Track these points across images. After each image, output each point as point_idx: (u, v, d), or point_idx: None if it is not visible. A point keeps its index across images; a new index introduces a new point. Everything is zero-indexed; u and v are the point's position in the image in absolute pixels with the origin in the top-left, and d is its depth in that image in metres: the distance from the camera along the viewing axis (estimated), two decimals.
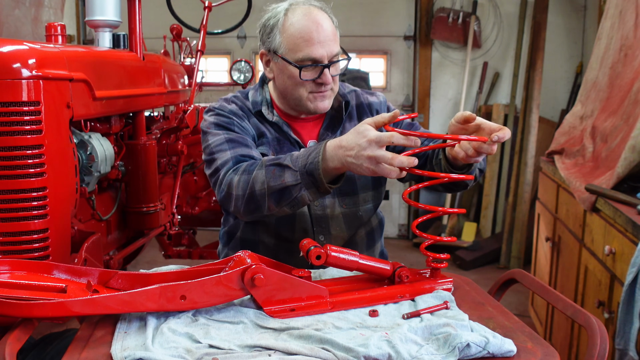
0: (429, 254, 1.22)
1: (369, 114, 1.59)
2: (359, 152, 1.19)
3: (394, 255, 4.15)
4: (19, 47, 1.41)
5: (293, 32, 1.40)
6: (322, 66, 1.41)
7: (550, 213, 2.67)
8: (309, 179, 1.26)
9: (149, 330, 1.01)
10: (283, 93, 1.50)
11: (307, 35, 1.39)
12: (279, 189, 1.29)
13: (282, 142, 1.52)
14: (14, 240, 1.40)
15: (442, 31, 4.48)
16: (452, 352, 0.92)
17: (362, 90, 1.66)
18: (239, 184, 1.34)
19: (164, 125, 2.55)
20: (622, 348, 1.52)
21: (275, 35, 1.43)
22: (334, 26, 1.44)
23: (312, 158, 1.26)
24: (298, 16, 1.41)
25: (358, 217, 1.56)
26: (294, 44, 1.40)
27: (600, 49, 2.60)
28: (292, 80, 1.44)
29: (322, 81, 1.42)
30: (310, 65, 1.41)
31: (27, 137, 1.39)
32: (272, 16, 1.45)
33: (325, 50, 1.40)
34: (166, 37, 3.13)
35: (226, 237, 1.64)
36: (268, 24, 1.45)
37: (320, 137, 1.54)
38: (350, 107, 1.59)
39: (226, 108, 1.52)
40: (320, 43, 1.39)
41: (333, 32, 1.43)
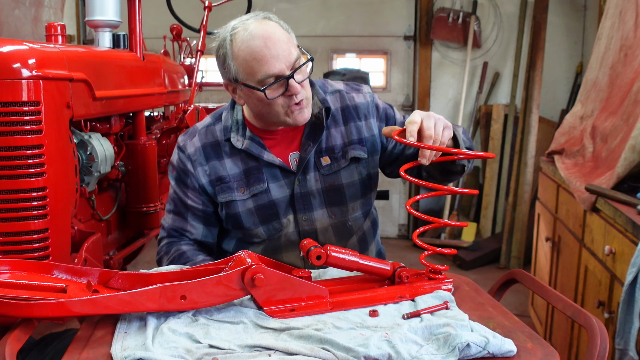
0: (428, 265, 1.23)
1: (357, 118, 1.52)
2: None
3: (394, 256, 4.15)
4: (19, 47, 1.41)
5: (244, 56, 1.33)
6: (285, 78, 1.33)
7: (550, 213, 2.67)
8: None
9: (149, 330, 1.01)
10: (259, 115, 1.44)
11: (258, 54, 1.31)
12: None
13: (250, 173, 1.46)
14: (14, 240, 1.40)
15: (442, 31, 4.47)
16: (452, 352, 0.92)
17: (347, 87, 1.56)
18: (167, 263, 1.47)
19: (164, 125, 2.55)
20: (622, 348, 1.52)
21: (229, 65, 1.36)
22: (285, 32, 1.36)
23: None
24: (244, 37, 1.33)
25: (348, 227, 1.53)
26: (250, 67, 1.33)
27: (600, 49, 2.60)
28: (262, 102, 1.37)
29: (290, 93, 1.34)
30: (273, 82, 1.33)
31: (27, 137, 1.39)
32: (221, 45, 1.37)
33: (282, 62, 1.32)
34: (166, 37, 3.13)
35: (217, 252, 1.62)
36: (220, 55, 1.38)
37: (302, 146, 1.47)
38: (334, 111, 1.50)
39: (186, 150, 1.49)
40: (275, 57, 1.32)
41: (285, 39, 1.34)
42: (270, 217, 1.48)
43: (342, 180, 1.49)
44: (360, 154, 1.50)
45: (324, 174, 1.48)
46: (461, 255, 4.11)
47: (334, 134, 1.50)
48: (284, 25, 1.39)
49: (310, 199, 1.48)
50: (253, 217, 1.48)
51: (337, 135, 1.50)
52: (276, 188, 1.47)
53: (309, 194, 1.48)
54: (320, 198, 1.49)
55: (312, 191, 1.48)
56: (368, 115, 1.53)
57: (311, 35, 4.67)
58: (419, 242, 1.25)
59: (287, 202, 1.48)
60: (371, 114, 1.54)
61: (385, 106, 1.59)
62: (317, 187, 1.48)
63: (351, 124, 1.52)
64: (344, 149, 1.50)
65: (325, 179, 1.48)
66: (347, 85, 1.57)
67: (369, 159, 1.52)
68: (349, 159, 1.49)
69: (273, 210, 1.47)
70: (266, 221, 1.48)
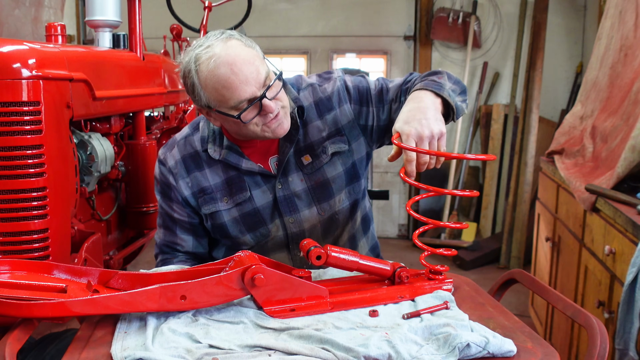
0: (428, 265, 1.23)
1: (331, 108, 1.48)
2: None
3: (394, 256, 4.15)
4: (19, 47, 1.41)
5: (213, 85, 1.29)
6: (259, 100, 1.30)
7: (550, 213, 2.67)
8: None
9: (149, 330, 1.01)
10: (238, 134, 1.41)
11: (226, 82, 1.27)
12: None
13: (232, 182, 1.45)
14: (14, 240, 1.40)
15: (442, 31, 4.47)
16: (452, 352, 0.92)
17: (319, 79, 1.53)
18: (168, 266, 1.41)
19: (164, 125, 2.55)
20: (622, 348, 1.52)
21: (199, 94, 1.32)
22: (249, 50, 1.31)
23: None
24: (209, 67, 1.28)
25: (335, 221, 1.51)
26: (221, 95, 1.30)
27: (600, 49, 2.60)
28: (238, 125, 1.34)
29: (265, 112, 1.31)
30: (247, 107, 1.30)
31: (27, 137, 1.39)
32: (186, 75, 1.33)
33: (252, 85, 1.29)
34: (166, 37, 3.13)
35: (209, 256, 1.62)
36: (187, 84, 1.34)
37: (280, 149, 1.45)
38: (308, 107, 1.47)
39: (166, 163, 1.48)
40: (243, 82, 1.28)
41: (250, 58, 1.30)
42: (257, 225, 1.47)
43: (327, 175, 1.47)
44: (341, 147, 1.47)
45: (307, 173, 1.46)
46: (461, 255, 4.11)
47: (311, 131, 1.47)
48: (247, 42, 1.34)
49: (294, 201, 1.46)
50: (239, 225, 1.47)
51: (314, 132, 1.47)
52: (259, 194, 1.46)
53: (292, 195, 1.46)
54: (307, 197, 1.47)
55: (296, 192, 1.46)
56: (341, 101, 1.49)
57: (311, 35, 4.67)
58: (419, 243, 1.25)
59: (271, 207, 1.46)
60: (343, 99, 1.49)
61: (356, 83, 1.52)
62: (303, 187, 1.46)
63: (326, 116, 1.48)
64: (323, 144, 1.47)
65: (310, 177, 1.46)
66: (320, 77, 1.54)
67: (351, 147, 1.49)
68: (330, 154, 1.47)
69: (258, 218, 1.46)
70: (252, 229, 1.47)
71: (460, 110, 1.37)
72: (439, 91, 1.30)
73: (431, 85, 1.32)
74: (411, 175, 1.20)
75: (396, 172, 4.75)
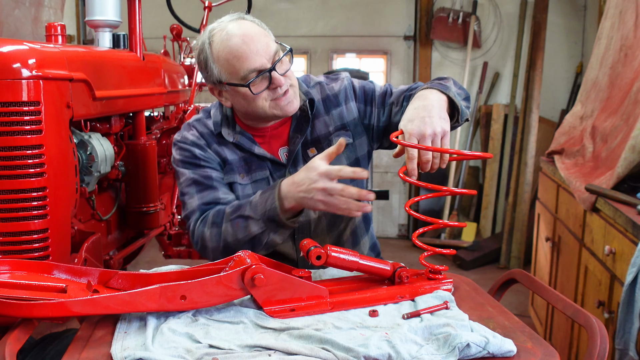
0: (428, 265, 1.23)
1: (337, 104, 1.53)
2: (309, 185, 1.24)
3: (394, 256, 4.15)
4: (19, 47, 1.41)
5: (225, 56, 1.36)
6: (267, 71, 1.36)
7: (550, 213, 2.67)
8: (273, 224, 1.31)
9: (149, 330, 1.01)
10: (246, 114, 1.46)
11: (238, 52, 1.35)
12: (248, 239, 1.35)
13: (249, 161, 1.49)
14: (14, 240, 1.40)
15: (442, 31, 4.47)
16: (452, 352, 0.92)
17: (327, 79, 1.59)
18: (211, 237, 1.38)
19: (164, 125, 2.55)
20: (622, 348, 1.52)
21: (211, 68, 1.39)
22: (259, 27, 1.40)
23: (269, 204, 1.30)
24: (222, 39, 1.36)
25: (340, 217, 1.52)
26: (231, 66, 1.36)
27: (600, 49, 2.60)
28: (247, 99, 1.40)
29: (275, 85, 1.38)
30: (256, 77, 1.36)
31: (27, 137, 1.39)
32: (201, 51, 1.41)
33: (262, 56, 1.36)
34: (166, 37, 3.13)
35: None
36: (201, 60, 1.41)
37: (290, 140, 1.49)
38: (317, 102, 1.53)
39: (187, 139, 1.49)
40: (254, 52, 1.35)
41: (262, 34, 1.38)
42: None
43: None
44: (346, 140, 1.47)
45: None
46: (461, 255, 4.11)
47: (317, 125, 1.52)
48: (258, 22, 1.42)
49: None
50: None
51: (321, 126, 1.52)
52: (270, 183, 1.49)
53: None
54: None
55: None
56: (348, 99, 1.55)
57: (311, 35, 4.67)
58: (419, 243, 1.25)
59: None
60: (350, 97, 1.55)
61: (362, 84, 1.58)
62: None
63: (333, 112, 1.53)
64: (329, 138, 1.51)
65: None
66: (327, 77, 1.61)
67: (355, 143, 1.54)
68: None
69: None
70: None
71: (464, 114, 1.40)
72: (445, 90, 1.32)
73: (437, 85, 1.35)
74: (411, 173, 1.21)
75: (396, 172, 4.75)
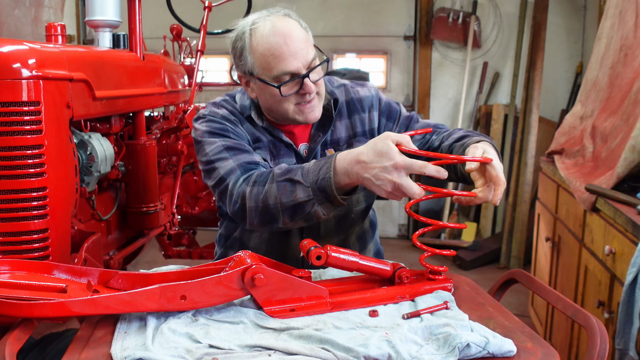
0: (428, 266, 1.23)
1: (361, 110, 1.53)
2: (381, 173, 1.15)
3: (394, 256, 4.15)
4: (19, 47, 1.41)
5: (262, 51, 1.35)
6: (301, 77, 1.35)
7: (550, 213, 2.67)
8: (321, 195, 1.23)
9: (149, 330, 1.01)
10: (269, 109, 1.45)
11: (277, 51, 1.33)
12: (291, 205, 1.26)
13: (277, 145, 1.47)
14: (14, 240, 1.40)
15: (442, 31, 4.47)
16: (452, 352, 0.92)
17: (351, 82, 1.59)
18: (252, 195, 1.30)
19: (164, 125, 2.55)
20: (622, 348, 1.52)
21: (246, 58, 1.38)
22: (303, 31, 1.38)
23: (323, 173, 1.23)
24: (263, 32, 1.35)
25: (350, 219, 1.52)
26: (267, 63, 1.35)
27: (600, 49, 2.60)
28: (274, 98, 1.38)
29: (304, 92, 1.37)
30: (289, 80, 1.35)
31: (27, 137, 1.39)
32: (239, 38, 1.39)
33: (300, 60, 1.34)
34: (166, 37, 3.13)
35: (223, 239, 1.62)
36: (237, 47, 1.39)
37: (312, 138, 1.49)
38: (340, 104, 1.52)
39: (217, 114, 1.45)
40: (293, 55, 1.34)
41: (304, 38, 1.37)
42: None
43: None
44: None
45: None
46: (461, 255, 4.11)
47: (339, 127, 1.51)
48: (303, 24, 1.40)
49: None
50: None
51: (342, 128, 1.52)
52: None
53: None
54: None
55: None
56: (372, 108, 1.55)
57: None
58: (419, 243, 1.25)
59: None
60: (374, 107, 1.55)
61: (388, 100, 1.58)
62: None
63: (355, 117, 1.53)
64: (348, 142, 1.51)
65: None
66: (352, 81, 1.60)
67: None
68: None
69: None
70: None
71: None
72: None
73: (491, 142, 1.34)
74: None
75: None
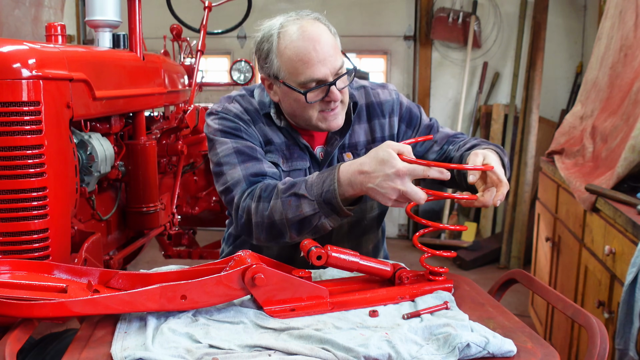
0: (428, 267, 1.23)
1: (381, 115, 1.50)
2: (384, 181, 1.15)
3: (394, 255, 4.13)
4: (19, 47, 1.41)
5: (290, 55, 1.31)
6: (328, 85, 1.32)
7: (550, 213, 2.67)
8: (327, 207, 1.22)
9: (149, 330, 1.01)
10: (291, 114, 1.41)
11: (305, 56, 1.30)
12: (298, 220, 1.25)
13: (291, 148, 1.44)
14: (14, 240, 1.40)
15: (442, 31, 4.47)
16: (452, 352, 0.92)
17: (371, 84, 1.56)
18: (257, 211, 1.29)
19: (164, 125, 2.55)
20: (622, 348, 1.52)
21: (272, 61, 1.34)
22: (332, 37, 1.35)
23: (327, 185, 1.21)
24: (292, 36, 1.31)
25: (362, 226, 1.51)
26: (294, 68, 1.31)
27: (600, 49, 2.60)
28: (298, 103, 1.35)
29: (330, 99, 1.34)
30: (315, 87, 1.32)
31: (27, 137, 1.39)
32: (265, 39, 1.35)
33: (328, 67, 1.31)
34: (166, 37, 3.13)
35: (232, 238, 1.60)
36: (263, 48, 1.36)
37: (328, 141, 1.46)
38: (359, 107, 1.50)
39: (230, 112, 1.42)
40: (321, 62, 1.30)
41: (332, 44, 1.33)
42: None
43: None
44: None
45: None
46: (461, 255, 4.11)
47: (357, 131, 1.49)
48: (332, 30, 1.37)
49: None
50: None
51: (360, 132, 1.49)
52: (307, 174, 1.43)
53: None
54: None
55: None
56: (392, 113, 1.52)
57: None
58: (419, 244, 1.25)
59: None
60: (395, 112, 1.52)
61: (410, 106, 1.56)
62: None
63: (375, 122, 1.50)
64: (367, 147, 1.48)
65: None
66: (372, 82, 1.57)
67: None
68: None
69: None
70: None
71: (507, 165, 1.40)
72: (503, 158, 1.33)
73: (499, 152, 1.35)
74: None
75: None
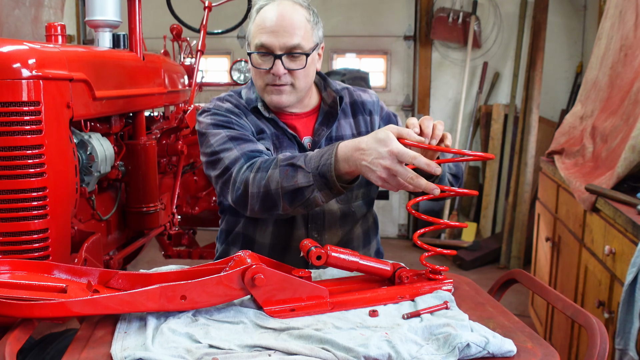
0: (428, 265, 1.23)
1: (364, 112, 1.59)
2: (376, 159, 1.17)
3: (394, 255, 4.15)
4: (19, 47, 1.41)
5: (256, 22, 1.43)
6: (273, 57, 1.39)
7: (550, 213, 2.67)
8: (321, 181, 1.25)
9: (149, 330, 1.01)
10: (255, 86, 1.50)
11: (263, 22, 1.40)
12: (291, 189, 1.28)
13: (280, 138, 1.50)
14: (14, 240, 1.40)
15: (442, 31, 4.48)
16: (452, 352, 0.92)
17: (353, 87, 1.65)
18: (254, 181, 1.32)
19: (164, 125, 2.55)
20: (622, 348, 1.52)
21: (248, 34, 1.47)
22: (303, 21, 1.41)
23: (324, 159, 1.25)
24: (266, 8, 1.42)
25: (351, 213, 1.55)
26: (253, 33, 1.43)
27: (600, 49, 2.60)
28: (253, 70, 1.45)
29: (272, 71, 1.40)
30: (262, 52, 1.40)
31: (27, 137, 1.39)
32: (251, 15, 1.47)
33: (278, 39, 1.38)
34: (166, 37, 3.13)
35: (224, 235, 1.63)
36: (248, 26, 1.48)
37: (315, 132, 1.52)
38: (344, 103, 1.58)
39: (221, 107, 1.49)
40: (274, 32, 1.38)
41: (297, 24, 1.39)
42: None
43: None
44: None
45: None
46: (461, 255, 4.11)
47: (343, 125, 1.56)
48: (311, 17, 1.44)
49: None
50: None
51: (346, 126, 1.56)
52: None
53: None
54: None
55: None
56: (373, 112, 1.61)
57: None
58: (420, 242, 1.25)
59: None
60: (376, 111, 1.61)
61: (390, 112, 1.65)
62: None
63: (359, 117, 1.58)
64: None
65: None
66: (353, 87, 1.66)
67: None
68: None
69: None
70: None
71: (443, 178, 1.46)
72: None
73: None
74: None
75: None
